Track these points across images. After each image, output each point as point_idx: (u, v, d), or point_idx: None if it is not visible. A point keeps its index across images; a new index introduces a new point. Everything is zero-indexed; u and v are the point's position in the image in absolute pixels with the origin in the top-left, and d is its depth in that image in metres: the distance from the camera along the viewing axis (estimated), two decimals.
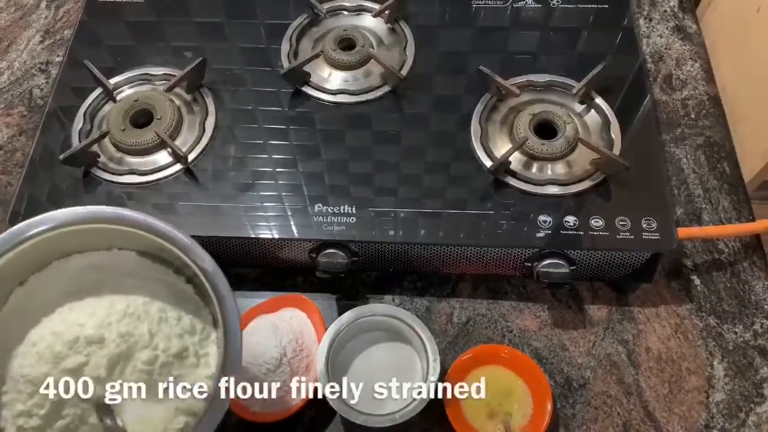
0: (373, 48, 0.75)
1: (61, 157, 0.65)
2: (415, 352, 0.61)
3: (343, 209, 0.64)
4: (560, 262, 0.62)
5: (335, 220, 0.64)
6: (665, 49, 0.82)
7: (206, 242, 0.65)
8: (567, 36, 0.77)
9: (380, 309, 0.61)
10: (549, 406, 0.58)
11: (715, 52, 0.81)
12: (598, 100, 0.70)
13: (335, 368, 0.59)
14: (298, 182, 0.66)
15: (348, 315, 0.60)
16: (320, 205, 0.65)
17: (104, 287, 0.54)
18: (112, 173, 0.67)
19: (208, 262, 0.52)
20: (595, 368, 0.63)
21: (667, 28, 0.84)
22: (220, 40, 0.78)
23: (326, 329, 0.60)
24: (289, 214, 0.65)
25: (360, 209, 0.64)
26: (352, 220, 0.64)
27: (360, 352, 0.62)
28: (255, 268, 0.69)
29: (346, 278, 0.67)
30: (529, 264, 0.64)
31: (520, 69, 0.73)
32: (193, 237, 0.64)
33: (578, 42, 0.76)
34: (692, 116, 0.77)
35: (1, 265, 0.52)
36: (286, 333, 0.61)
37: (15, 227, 0.52)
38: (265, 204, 0.65)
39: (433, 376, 0.57)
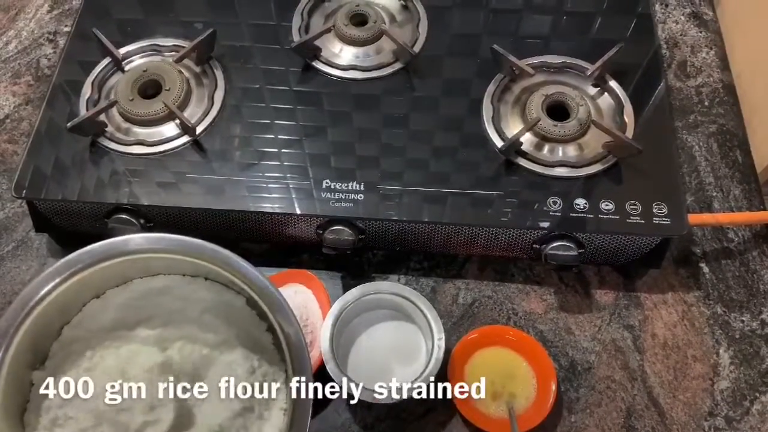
0: (385, 24, 0.74)
1: (69, 124, 0.65)
2: (420, 331, 0.61)
3: (351, 186, 0.64)
4: (569, 244, 0.62)
5: (343, 197, 0.63)
6: (680, 35, 0.81)
7: (213, 215, 0.65)
8: (582, 20, 0.76)
9: (386, 287, 0.60)
10: (553, 389, 0.58)
11: (730, 40, 0.80)
12: (612, 84, 0.69)
13: (339, 345, 0.59)
14: (304, 160, 0.66)
15: (353, 292, 0.60)
16: (328, 181, 0.64)
17: (177, 319, 0.53)
18: (119, 143, 0.67)
19: (293, 327, 0.49)
20: (600, 353, 0.63)
21: (683, 15, 0.83)
22: (231, 14, 0.77)
23: (331, 306, 0.59)
24: (295, 190, 0.64)
25: (368, 187, 0.64)
26: (360, 197, 0.63)
27: (364, 330, 0.62)
28: (261, 244, 0.69)
29: (352, 256, 0.66)
30: (537, 246, 0.63)
31: (533, 50, 0.72)
32: (200, 210, 0.64)
33: (593, 26, 0.75)
34: (706, 104, 0.76)
35: (82, 277, 0.50)
36: None
37: (103, 243, 0.51)
38: (273, 178, 0.64)
39: (438, 355, 0.56)
